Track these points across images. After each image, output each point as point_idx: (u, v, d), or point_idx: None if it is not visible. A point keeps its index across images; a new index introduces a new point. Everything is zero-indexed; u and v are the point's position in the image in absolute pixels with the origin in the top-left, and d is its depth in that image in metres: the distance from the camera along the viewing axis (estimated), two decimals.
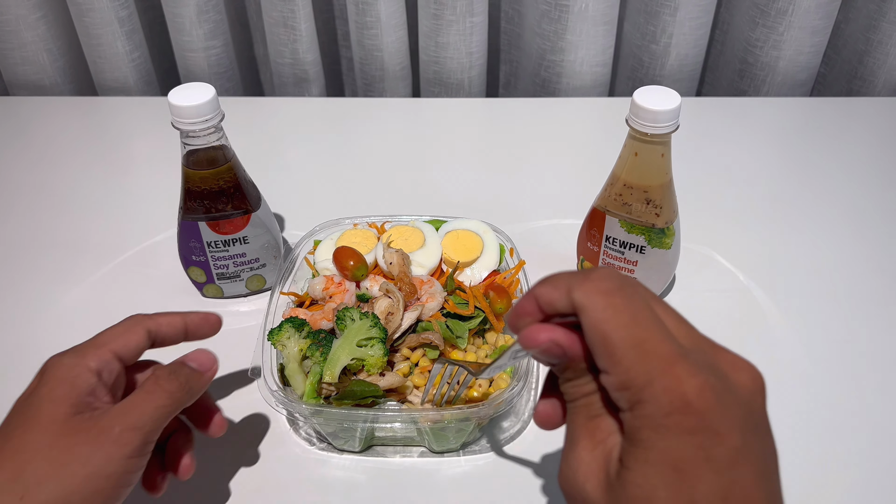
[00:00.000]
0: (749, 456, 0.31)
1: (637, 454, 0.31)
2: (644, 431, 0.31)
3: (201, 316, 0.52)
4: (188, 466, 0.49)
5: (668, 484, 0.30)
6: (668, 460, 0.30)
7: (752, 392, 0.32)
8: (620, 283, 0.33)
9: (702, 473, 0.30)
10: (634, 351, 0.31)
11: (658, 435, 0.31)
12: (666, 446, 0.30)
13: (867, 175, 0.90)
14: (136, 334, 0.48)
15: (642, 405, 0.31)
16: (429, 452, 0.59)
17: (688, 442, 0.30)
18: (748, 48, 1.06)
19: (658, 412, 0.31)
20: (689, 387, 0.30)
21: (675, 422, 0.30)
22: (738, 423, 0.31)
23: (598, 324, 0.32)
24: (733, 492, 0.30)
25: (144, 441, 0.44)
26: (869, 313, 0.71)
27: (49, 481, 0.40)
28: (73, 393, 0.43)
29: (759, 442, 0.32)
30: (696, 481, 0.30)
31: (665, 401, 0.30)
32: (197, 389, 0.49)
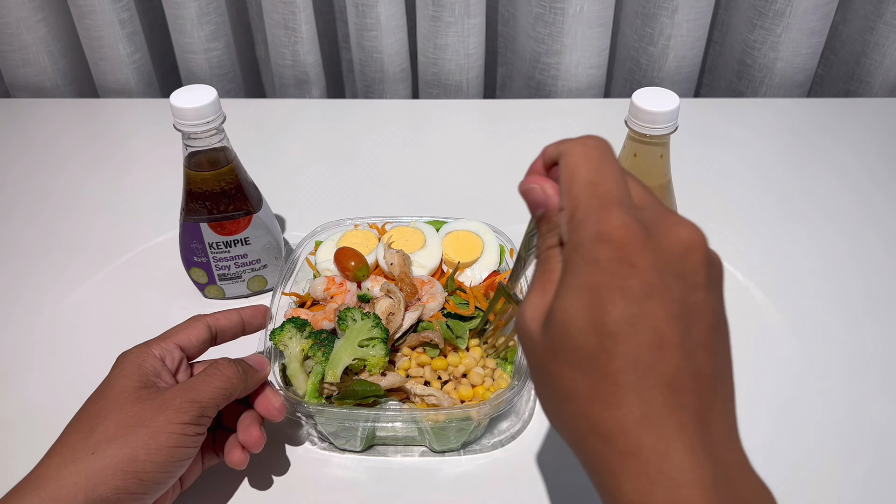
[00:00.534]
0: (665, 295, 0.32)
1: (564, 281, 0.34)
2: (572, 258, 0.34)
3: (253, 308, 0.60)
4: (258, 437, 0.53)
5: (584, 307, 0.33)
6: (586, 285, 0.33)
7: (685, 245, 0.33)
8: (603, 147, 0.36)
9: (615, 300, 0.32)
10: (588, 188, 0.35)
11: (582, 261, 0.33)
12: (586, 272, 0.33)
13: (865, 176, 0.90)
14: (196, 328, 0.56)
15: (575, 234, 0.34)
16: (430, 452, 0.60)
17: (605, 269, 0.32)
18: (746, 49, 1.06)
19: (585, 240, 0.33)
20: (617, 222, 0.33)
21: (597, 249, 0.33)
22: (658, 264, 0.32)
23: (569, 164, 0.36)
24: (643, 322, 0.32)
25: (200, 413, 0.49)
26: (867, 313, 0.72)
27: (116, 439, 0.46)
28: (139, 372, 0.50)
29: (683, 289, 0.33)
30: (609, 306, 0.32)
31: (593, 230, 0.33)
32: (251, 383, 0.54)
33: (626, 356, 0.32)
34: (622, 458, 0.32)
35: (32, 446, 0.50)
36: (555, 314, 0.34)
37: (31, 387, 0.66)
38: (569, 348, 0.33)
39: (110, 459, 0.45)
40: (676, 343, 0.32)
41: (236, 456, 0.53)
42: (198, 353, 0.56)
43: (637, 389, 0.32)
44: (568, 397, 0.34)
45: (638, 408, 0.32)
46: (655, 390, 0.32)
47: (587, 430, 0.33)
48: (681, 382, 0.32)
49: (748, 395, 0.64)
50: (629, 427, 0.32)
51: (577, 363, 0.33)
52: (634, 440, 0.32)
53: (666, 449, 0.31)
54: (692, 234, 0.34)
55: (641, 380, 0.32)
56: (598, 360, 0.32)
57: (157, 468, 0.47)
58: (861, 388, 0.64)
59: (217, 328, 0.57)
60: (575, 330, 0.33)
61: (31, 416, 0.63)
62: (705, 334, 0.33)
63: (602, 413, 0.32)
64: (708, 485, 0.31)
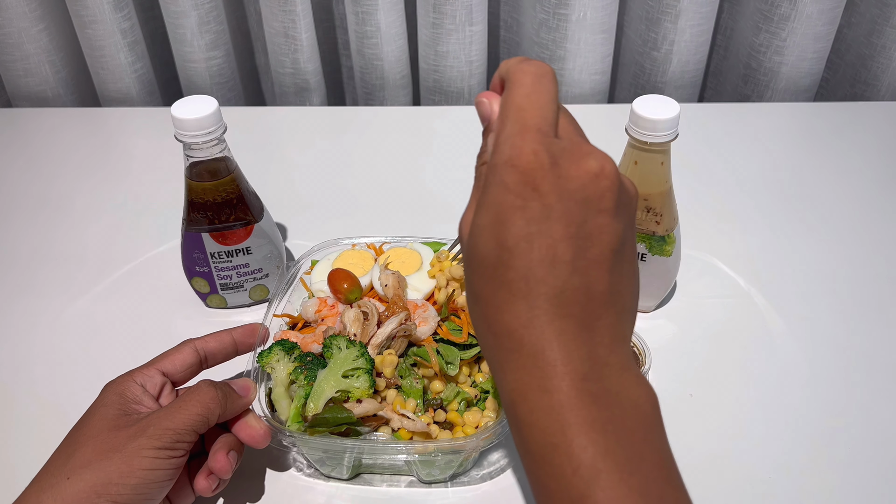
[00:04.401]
0: (563, 217, 0.35)
1: (481, 199, 0.37)
2: (488, 178, 0.37)
3: (245, 328, 0.60)
4: (223, 464, 0.52)
5: (490, 223, 0.36)
6: (494, 203, 0.36)
7: (592, 173, 0.36)
8: (541, 73, 0.38)
9: (515, 219, 0.35)
10: (514, 113, 0.37)
11: (494, 181, 0.36)
12: (495, 192, 0.36)
13: (870, 181, 0.90)
14: (182, 353, 0.56)
15: (494, 155, 0.37)
16: (417, 482, 0.58)
17: (511, 191, 0.35)
18: (752, 53, 1.06)
19: (499, 162, 0.36)
20: (528, 149, 0.35)
21: (506, 172, 0.36)
22: (560, 189, 0.35)
23: (508, 87, 0.38)
24: (538, 240, 0.35)
25: (175, 439, 0.49)
26: (871, 319, 0.71)
27: (91, 464, 0.47)
28: (120, 400, 0.51)
29: (584, 213, 0.36)
30: (509, 225, 0.35)
31: (507, 154, 0.36)
32: (232, 408, 0.54)
33: (519, 269, 0.35)
34: (507, 354, 0.36)
35: (34, 460, 0.50)
36: (472, 228, 0.38)
37: (32, 399, 0.66)
38: (478, 258, 0.37)
39: (84, 484, 0.46)
40: (568, 261, 0.35)
41: (199, 483, 0.53)
42: (185, 378, 0.57)
43: (526, 298, 0.35)
44: (476, 300, 0.38)
45: (524, 313, 0.35)
46: (542, 299, 0.35)
47: (485, 329, 0.38)
48: (567, 295, 0.35)
49: (749, 400, 0.64)
50: (515, 329, 0.36)
51: (482, 272, 0.37)
52: (518, 339, 0.36)
53: (543, 347, 0.35)
54: (601, 163, 0.36)
55: (531, 290, 0.35)
56: (497, 271, 0.36)
57: (130, 490, 0.47)
58: (864, 394, 0.64)
59: (206, 351, 0.57)
60: (482, 242, 0.37)
61: (32, 429, 0.63)
62: (602, 255, 0.36)
63: (496, 316, 0.36)
64: (577, 378, 0.35)
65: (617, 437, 0.34)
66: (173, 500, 0.53)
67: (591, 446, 0.33)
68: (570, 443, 0.34)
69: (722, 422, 0.62)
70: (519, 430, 0.36)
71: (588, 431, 0.34)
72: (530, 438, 0.35)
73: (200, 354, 0.57)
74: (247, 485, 0.58)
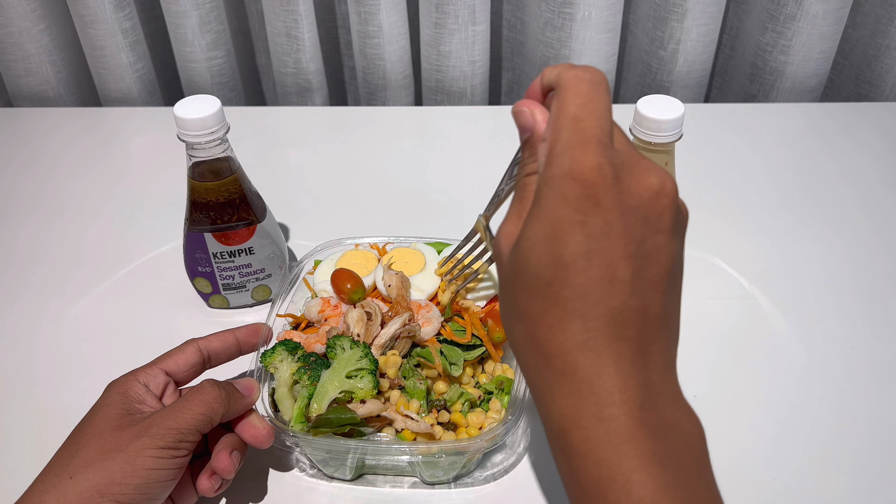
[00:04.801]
0: (624, 235, 0.34)
1: (532, 212, 0.36)
2: (543, 190, 0.35)
3: (248, 327, 0.59)
4: (227, 464, 0.52)
5: (546, 238, 0.34)
6: (550, 217, 0.34)
7: (653, 191, 0.35)
8: (596, 82, 0.36)
9: (575, 234, 0.34)
10: (571, 123, 0.35)
11: (551, 194, 0.34)
12: (553, 205, 0.34)
13: (876, 181, 0.90)
14: (186, 352, 0.56)
15: (550, 167, 0.35)
16: (420, 484, 0.58)
17: (570, 204, 0.34)
18: (758, 53, 1.06)
19: (557, 174, 0.34)
20: (591, 162, 0.34)
21: (566, 185, 0.34)
22: (623, 206, 0.34)
23: (560, 96, 0.36)
24: (597, 257, 0.34)
25: (179, 439, 0.49)
26: (877, 320, 0.71)
27: (94, 464, 0.47)
28: (123, 400, 0.51)
29: (644, 232, 0.35)
30: (568, 239, 0.34)
31: (566, 166, 0.34)
32: (236, 408, 0.53)
33: (576, 287, 0.34)
34: (559, 377, 0.34)
35: (36, 460, 0.50)
36: (520, 241, 0.36)
37: (35, 399, 0.65)
38: (528, 273, 0.35)
39: (87, 483, 0.46)
40: (627, 281, 0.34)
41: (202, 483, 0.52)
42: (188, 378, 0.56)
43: (582, 318, 0.34)
44: (521, 318, 0.36)
45: (580, 334, 0.34)
46: (599, 321, 0.34)
47: (532, 350, 0.36)
48: (625, 317, 0.34)
49: (752, 401, 0.64)
50: (568, 350, 0.34)
51: (533, 288, 0.35)
52: (572, 362, 0.34)
53: (599, 372, 0.33)
54: (661, 182, 0.35)
55: (588, 310, 0.34)
56: (551, 288, 0.34)
57: (133, 490, 0.47)
58: (870, 395, 0.64)
59: (210, 351, 0.57)
60: (534, 258, 0.35)
61: (35, 429, 0.63)
62: (659, 276, 0.35)
63: (546, 335, 0.35)
64: (634, 407, 0.33)
65: (674, 473, 0.33)
66: (176, 500, 0.53)
67: (651, 482, 0.32)
68: (629, 477, 0.32)
69: (726, 423, 0.62)
70: (569, 460, 0.34)
71: (648, 466, 0.32)
72: (583, 469, 0.34)
73: (204, 354, 0.57)
74: (250, 485, 0.58)
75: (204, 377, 0.56)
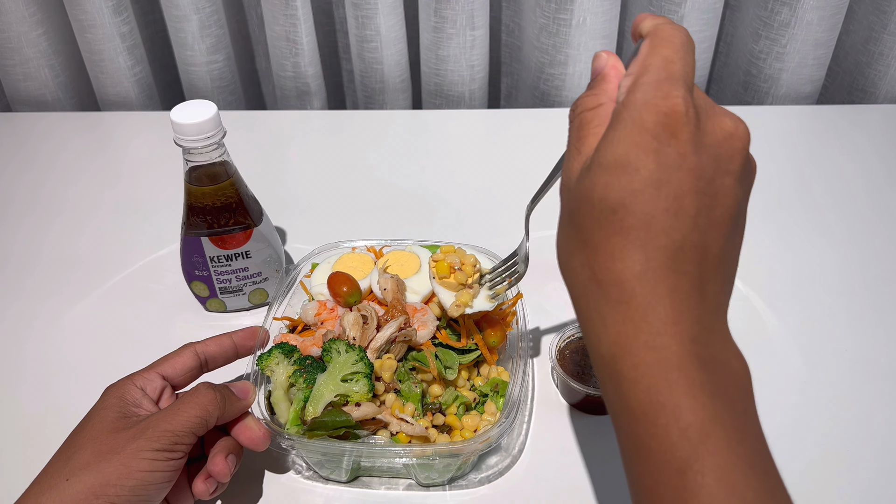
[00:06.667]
0: (696, 170, 0.34)
1: (608, 135, 0.35)
2: (622, 115, 0.35)
3: (245, 331, 0.60)
4: (222, 467, 0.53)
5: (617, 162, 0.34)
6: (627, 141, 0.34)
7: (727, 132, 0.36)
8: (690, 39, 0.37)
9: (648, 161, 0.34)
10: (662, 61, 0.36)
11: (630, 118, 0.34)
12: (630, 129, 0.34)
13: (870, 183, 0.90)
14: (182, 356, 0.56)
15: (633, 93, 0.35)
16: (415, 486, 0.58)
17: (649, 131, 0.34)
18: (752, 60, 1.06)
19: (640, 101, 0.35)
20: (674, 94, 0.34)
21: (647, 111, 0.34)
22: (697, 141, 0.34)
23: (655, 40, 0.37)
24: (667, 187, 0.34)
25: (174, 441, 0.49)
26: (871, 322, 0.71)
27: (89, 466, 0.47)
28: (120, 403, 0.52)
29: (715, 171, 0.35)
30: (640, 166, 0.34)
31: (651, 94, 0.34)
32: (231, 410, 0.54)
33: (641, 215, 0.34)
34: (613, 305, 0.35)
35: (34, 462, 0.50)
36: (591, 166, 0.35)
37: (33, 402, 0.66)
38: (594, 199, 0.35)
39: (83, 485, 0.47)
40: (692, 215, 0.34)
41: (198, 486, 0.53)
42: (185, 382, 0.57)
43: (643, 248, 0.34)
44: (581, 246, 0.36)
45: (639, 263, 0.34)
46: (660, 252, 0.34)
47: (588, 277, 0.36)
48: (686, 251, 0.34)
49: None
50: (626, 279, 0.34)
51: (598, 214, 0.35)
52: (629, 290, 0.34)
53: (654, 303, 0.34)
54: (737, 125, 0.36)
55: (650, 240, 0.34)
56: (616, 215, 0.34)
57: (128, 492, 0.47)
58: (863, 397, 0.64)
59: (206, 355, 0.57)
60: (603, 182, 0.35)
61: (33, 432, 0.63)
62: (722, 217, 0.35)
63: (606, 263, 0.35)
64: (686, 339, 0.33)
65: (723, 403, 0.33)
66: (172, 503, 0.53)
67: (701, 409, 0.32)
68: (678, 403, 0.32)
69: None
70: (618, 386, 0.34)
71: (697, 394, 0.32)
72: (632, 395, 0.34)
73: (201, 358, 0.57)
74: (246, 487, 0.58)
75: (200, 381, 0.56)
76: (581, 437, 0.62)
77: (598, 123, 0.38)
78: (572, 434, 0.62)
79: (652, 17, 0.39)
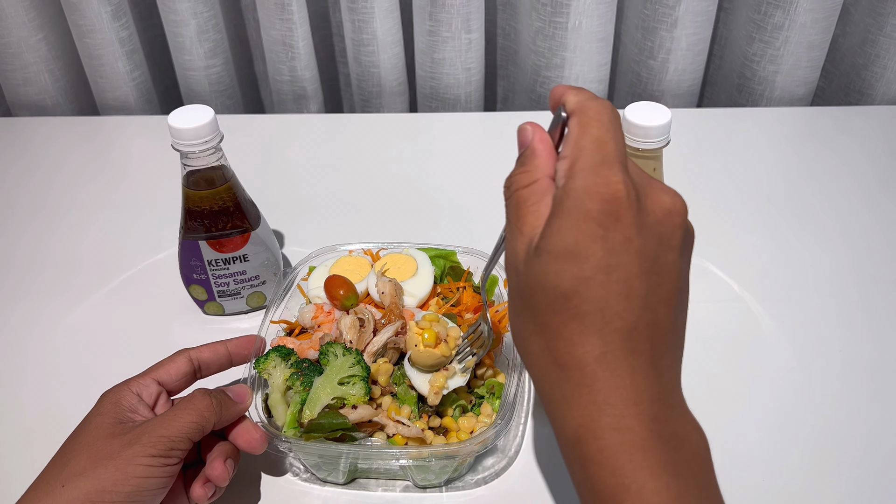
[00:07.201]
0: (642, 252, 0.35)
1: (553, 224, 0.36)
2: (564, 203, 0.36)
3: (240, 340, 0.60)
4: (221, 472, 0.53)
5: (566, 251, 0.35)
6: (573, 230, 0.35)
7: (666, 210, 0.37)
8: (615, 113, 0.38)
9: (595, 249, 0.35)
10: (594, 143, 0.37)
11: (573, 206, 0.36)
12: (576, 218, 0.35)
13: (865, 185, 0.90)
14: (177, 362, 0.56)
15: (573, 180, 0.36)
16: (412, 487, 0.59)
17: (593, 219, 0.35)
18: (745, 63, 1.07)
19: (581, 189, 0.36)
20: (615, 179, 0.35)
21: (590, 199, 0.35)
22: (640, 223, 0.36)
23: (583, 119, 0.38)
24: (616, 272, 0.35)
25: (170, 447, 0.49)
26: (866, 323, 0.71)
27: (85, 472, 0.47)
28: (115, 409, 0.52)
29: (658, 249, 0.36)
30: (588, 254, 0.35)
31: (591, 181, 0.35)
32: (228, 415, 0.54)
33: (595, 301, 0.35)
34: (576, 388, 0.35)
35: (30, 468, 0.50)
36: (539, 254, 0.36)
37: (29, 407, 0.66)
38: (547, 286, 0.36)
39: (78, 491, 0.47)
40: (642, 295, 0.35)
41: (195, 491, 0.53)
42: (180, 387, 0.57)
43: (600, 332, 0.35)
44: (538, 330, 0.37)
45: (598, 347, 0.35)
46: (616, 334, 0.35)
47: (549, 362, 0.37)
48: (639, 331, 0.35)
49: (743, 405, 0.64)
50: (587, 363, 0.35)
51: (552, 301, 0.36)
52: (590, 374, 0.35)
53: (616, 385, 0.35)
54: (674, 201, 0.37)
55: (606, 324, 0.35)
56: (571, 301, 0.35)
57: (124, 498, 0.47)
58: (859, 398, 0.64)
59: (200, 361, 0.58)
60: (554, 270, 0.36)
61: (28, 438, 0.63)
62: (669, 292, 0.37)
63: (565, 348, 0.36)
64: (647, 418, 0.34)
65: (686, 482, 0.34)
66: None
67: (665, 490, 0.33)
68: (643, 486, 0.33)
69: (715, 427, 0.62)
70: (585, 468, 0.35)
71: (662, 475, 0.34)
72: (598, 478, 0.35)
73: (195, 364, 0.57)
74: (243, 489, 0.59)
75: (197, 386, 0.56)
76: None
77: (535, 200, 0.38)
78: None
79: (573, 90, 0.39)
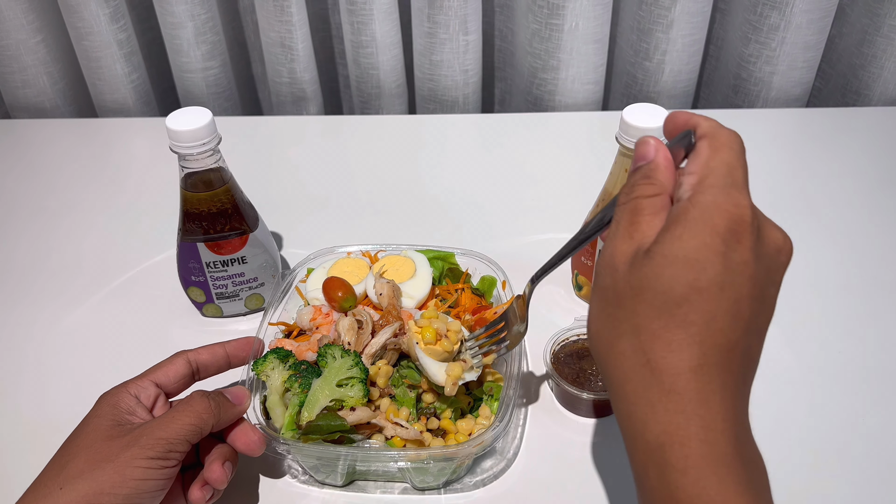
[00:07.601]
0: (754, 279, 0.36)
1: (674, 230, 0.37)
2: (689, 212, 0.37)
3: (238, 342, 0.60)
4: (219, 474, 0.53)
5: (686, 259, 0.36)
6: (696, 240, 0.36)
7: (778, 246, 0.38)
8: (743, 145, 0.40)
9: (716, 263, 0.36)
10: (725, 168, 0.38)
11: (699, 217, 0.36)
12: (700, 229, 0.36)
13: (863, 185, 0.90)
14: (175, 364, 0.56)
15: (702, 194, 0.37)
16: (411, 489, 0.59)
17: (718, 234, 0.36)
18: (741, 64, 1.07)
19: (710, 203, 0.36)
20: (744, 205, 0.36)
21: (718, 214, 0.36)
22: (757, 251, 0.37)
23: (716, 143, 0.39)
24: (730, 291, 0.36)
25: (168, 449, 0.49)
26: (864, 323, 0.72)
27: (83, 474, 0.48)
28: (113, 411, 0.52)
29: (766, 280, 0.37)
30: (708, 266, 0.36)
31: (721, 198, 0.36)
32: (226, 417, 0.54)
33: (705, 313, 0.36)
34: (665, 394, 0.36)
35: (28, 470, 0.50)
36: (654, 256, 0.37)
37: (27, 409, 0.66)
38: (657, 289, 0.36)
39: (76, 493, 0.47)
40: (746, 319, 0.36)
41: (194, 493, 0.53)
42: (178, 390, 0.57)
43: (702, 344, 0.36)
44: (634, 331, 0.37)
45: (696, 358, 0.36)
46: (715, 350, 0.36)
47: (640, 364, 0.37)
48: (736, 352, 0.36)
49: None
50: (681, 371, 0.36)
51: (659, 305, 0.36)
52: (683, 383, 0.36)
53: (707, 398, 0.35)
54: (786, 241, 0.39)
55: (709, 337, 0.36)
56: (681, 308, 0.36)
57: (122, 500, 0.47)
58: (858, 399, 0.64)
59: (198, 363, 0.58)
60: (669, 274, 0.36)
61: (27, 440, 0.63)
62: (765, 324, 0.38)
63: (662, 352, 0.36)
64: (732, 436, 0.35)
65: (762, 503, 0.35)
66: None
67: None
68: (727, 499, 0.34)
69: None
70: (664, 474, 0.36)
71: (744, 493, 0.34)
72: (679, 485, 0.35)
73: (193, 366, 0.57)
74: (241, 491, 0.59)
75: (195, 388, 0.56)
76: (576, 439, 0.62)
77: (652, 212, 0.39)
78: (567, 437, 0.62)
79: (702, 117, 0.41)
